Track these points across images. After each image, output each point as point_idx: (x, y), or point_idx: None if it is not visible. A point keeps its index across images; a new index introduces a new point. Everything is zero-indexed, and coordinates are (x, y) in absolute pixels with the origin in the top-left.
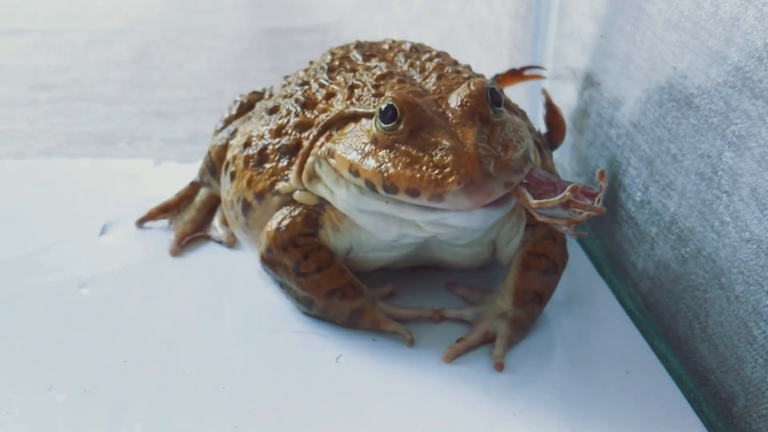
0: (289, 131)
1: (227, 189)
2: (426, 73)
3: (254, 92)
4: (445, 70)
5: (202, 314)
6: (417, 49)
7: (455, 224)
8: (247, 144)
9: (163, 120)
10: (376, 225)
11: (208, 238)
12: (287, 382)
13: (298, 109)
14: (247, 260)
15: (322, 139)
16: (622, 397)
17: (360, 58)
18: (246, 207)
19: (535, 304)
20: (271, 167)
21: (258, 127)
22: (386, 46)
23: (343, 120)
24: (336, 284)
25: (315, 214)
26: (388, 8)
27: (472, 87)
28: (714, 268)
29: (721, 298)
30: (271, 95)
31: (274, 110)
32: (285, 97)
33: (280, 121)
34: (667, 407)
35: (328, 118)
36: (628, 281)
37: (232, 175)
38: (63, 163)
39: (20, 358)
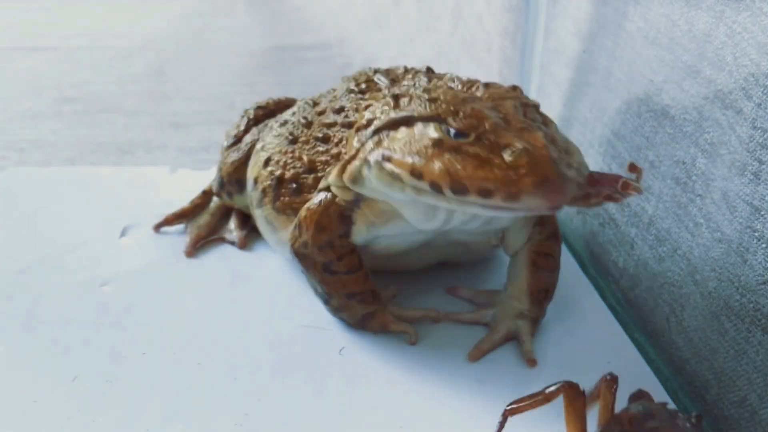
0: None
1: (288, 200)
2: (469, 83)
3: (259, 107)
4: (486, 82)
5: (214, 310)
6: (432, 71)
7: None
8: (312, 169)
9: (178, 130)
10: (426, 213)
11: (222, 240)
12: (294, 372)
13: (346, 132)
14: (257, 260)
15: (370, 143)
16: None
17: (386, 80)
18: None
19: (546, 300)
20: None
21: (317, 155)
22: (401, 71)
23: (393, 125)
24: (358, 288)
25: (349, 211)
26: (387, 26)
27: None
28: (689, 266)
29: (695, 294)
30: (306, 119)
31: (326, 139)
32: (330, 126)
33: (339, 148)
34: None
35: (380, 123)
36: (609, 278)
37: (298, 191)
38: (86, 171)
39: (47, 351)
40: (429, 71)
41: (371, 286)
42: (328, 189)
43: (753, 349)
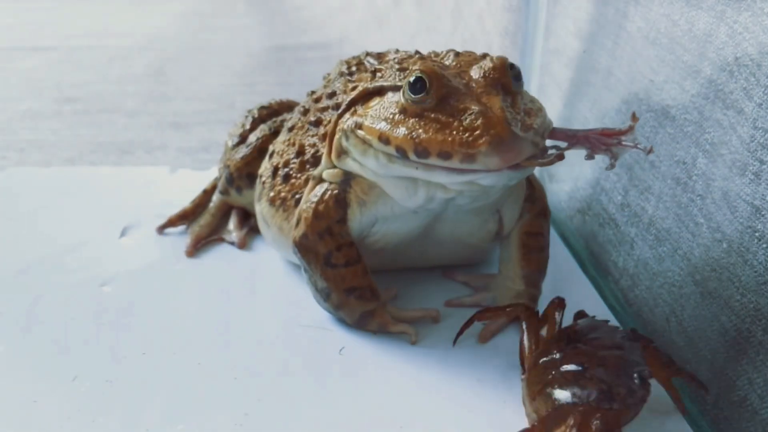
0: None
1: (279, 188)
2: (442, 54)
3: (263, 107)
4: (460, 51)
5: (214, 310)
6: (421, 53)
7: (483, 183)
8: (300, 152)
9: (178, 130)
10: (407, 189)
11: (222, 240)
12: (294, 372)
13: (336, 113)
14: (257, 260)
15: (347, 116)
16: None
17: (375, 62)
18: (299, 201)
19: (540, 278)
20: None
21: (307, 138)
22: (393, 53)
23: (367, 96)
24: (357, 283)
25: (342, 192)
26: (387, 26)
27: (495, 60)
28: (689, 266)
29: (695, 294)
30: (305, 108)
31: (318, 122)
32: (323, 110)
33: (326, 129)
34: None
35: (353, 95)
36: (609, 278)
37: (287, 176)
38: (86, 171)
39: (47, 351)
40: (417, 53)
41: (370, 282)
42: (322, 180)
43: (753, 349)
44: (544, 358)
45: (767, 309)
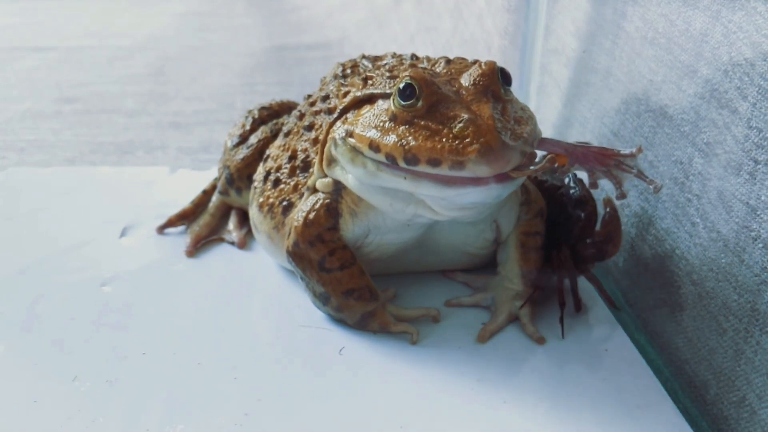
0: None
1: (268, 194)
2: (433, 60)
3: (263, 107)
4: (452, 58)
5: (214, 310)
6: (417, 57)
7: (471, 200)
8: (292, 157)
9: (178, 130)
10: (392, 204)
11: (221, 240)
12: (294, 372)
13: (328, 118)
14: (257, 260)
15: (338, 123)
16: (603, 385)
17: (369, 65)
18: (288, 207)
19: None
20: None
21: (300, 143)
22: (389, 57)
23: (358, 104)
24: (355, 285)
25: (334, 202)
26: (387, 26)
27: (483, 66)
28: (687, 265)
29: (693, 294)
30: (301, 112)
31: (310, 127)
32: (316, 113)
33: (318, 133)
34: (645, 395)
35: (344, 104)
36: (609, 279)
37: (277, 182)
38: (86, 171)
39: (47, 351)
40: (413, 57)
41: (367, 282)
42: (316, 190)
43: (751, 349)
44: None
45: (765, 309)
